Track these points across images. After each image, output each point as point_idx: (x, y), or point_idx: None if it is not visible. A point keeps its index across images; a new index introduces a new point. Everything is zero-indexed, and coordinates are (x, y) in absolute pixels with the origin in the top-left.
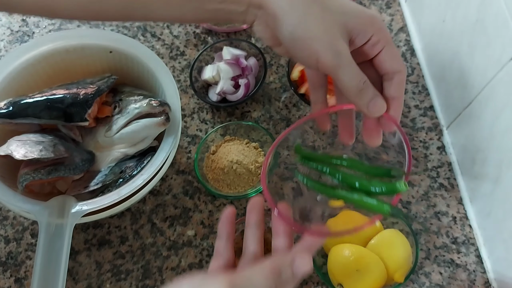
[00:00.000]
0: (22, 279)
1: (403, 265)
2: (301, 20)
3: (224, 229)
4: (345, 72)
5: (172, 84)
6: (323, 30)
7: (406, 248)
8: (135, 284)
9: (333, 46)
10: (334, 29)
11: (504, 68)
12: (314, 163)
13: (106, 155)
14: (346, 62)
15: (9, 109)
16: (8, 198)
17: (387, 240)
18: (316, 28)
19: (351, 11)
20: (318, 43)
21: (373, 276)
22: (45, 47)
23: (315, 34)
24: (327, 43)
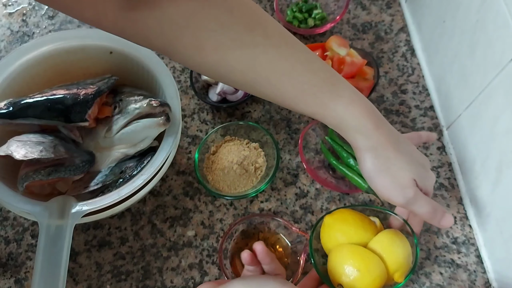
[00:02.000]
0: (22, 280)
1: (403, 265)
2: (378, 174)
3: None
4: (415, 207)
5: (172, 84)
6: (395, 182)
7: (406, 248)
8: (135, 285)
9: (403, 192)
10: (405, 181)
11: (505, 68)
12: (335, 143)
13: (106, 156)
14: (414, 201)
15: (9, 109)
16: (8, 198)
17: (387, 240)
18: (389, 181)
19: (418, 172)
20: (391, 191)
21: (373, 276)
22: (45, 48)
23: (388, 185)
24: (398, 191)
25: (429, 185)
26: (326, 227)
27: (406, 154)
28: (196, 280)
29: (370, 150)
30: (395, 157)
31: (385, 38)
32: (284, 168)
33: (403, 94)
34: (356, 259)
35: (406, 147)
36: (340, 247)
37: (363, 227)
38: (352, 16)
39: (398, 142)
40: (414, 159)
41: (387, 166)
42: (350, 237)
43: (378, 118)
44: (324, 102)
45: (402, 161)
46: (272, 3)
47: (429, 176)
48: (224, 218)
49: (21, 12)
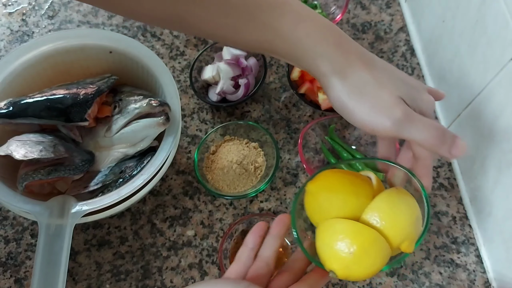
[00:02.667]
0: (22, 279)
1: (411, 232)
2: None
3: (252, 239)
4: (412, 132)
5: (172, 84)
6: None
7: (413, 210)
8: (135, 284)
9: (388, 114)
10: (388, 100)
11: (504, 68)
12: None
13: (106, 155)
14: (408, 123)
15: (9, 109)
16: (8, 198)
17: (387, 205)
18: (367, 103)
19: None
20: (371, 116)
21: (372, 257)
22: (45, 47)
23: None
24: (380, 113)
25: (427, 108)
26: (309, 197)
27: (385, 72)
28: (196, 280)
29: (336, 73)
30: (371, 75)
31: (384, 38)
32: (283, 167)
33: None
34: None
35: (383, 65)
36: (328, 223)
37: (355, 193)
38: (352, 16)
39: (372, 60)
40: (397, 77)
41: (360, 87)
42: (339, 209)
43: (338, 33)
44: (271, 24)
45: (380, 78)
46: None
47: (424, 98)
48: (223, 217)
49: (21, 12)
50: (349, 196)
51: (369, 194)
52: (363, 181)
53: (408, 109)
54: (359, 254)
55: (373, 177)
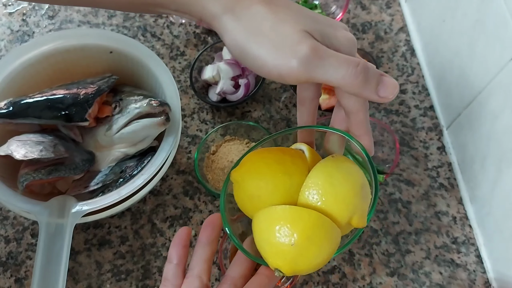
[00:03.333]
0: (23, 279)
1: (359, 204)
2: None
3: (175, 253)
4: (325, 71)
5: (172, 84)
6: (276, 43)
7: (356, 178)
8: (135, 284)
9: (292, 52)
10: (292, 36)
11: (504, 68)
12: None
13: (106, 155)
14: (319, 60)
15: (9, 109)
16: (8, 198)
17: (324, 179)
18: (267, 44)
19: (314, 23)
20: (274, 58)
21: (319, 244)
22: (45, 47)
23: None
24: (283, 53)
25: (344, 46)
26: (236, 187)
27: (289, 7)
28: None
29: (228, 11)
30: (269, 10)
31: (384, 38)
32: None
33: (402, 94)
34: (287, 227)
35: (288, 2)
36: (261, 214)
37: (286, 172)
38: (352, 16)
39: None
40: (304, 12)
41: (257, 25)
42: (271, 195)
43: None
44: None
45: (281, 13)
46: None
47: (340, 34)
48: None
49: (21, 12)
50: (279, 177)
51: (304, 171)
52: (294, 156)
53: (316, 43)
54: (303, 243)
55: (305, 148)
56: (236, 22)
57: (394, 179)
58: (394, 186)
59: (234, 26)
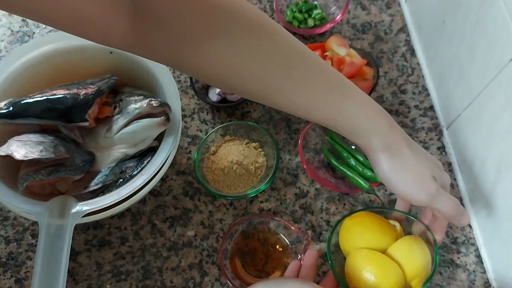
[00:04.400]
0: (23, 279)
1: (421, 273)
2: (394, 173)
3: None
4: (439, 204)
5: (172, 84)
6: (415, 179)
7: (426, 255)
8: (135, 284)
9: (425, 187)
10: (426, 176)
11: (504, 69)
12: (335, 143)
13: (106, 156)
14: (437, 197)
15: (9, 109)
16: (8, 198)
17: (406, 247)
18: (409, 178)
19: (435, 167)
20: (411, 188)
21: (390, 283)
22: (45, 48)
23: (408, 182)
24: (419, 187)
25: (446, 185)
26: (345, 229)
27: (421, 153)
28: (196, 280)
29: (385, 150)
30: (411, 154)
31: (384, 38)
32: (284, 168)
33: (402, 94)
34: (374, 265)
35: (417, 146)
36: (358, 251)
37: (382, 232)
38: (352, 16)
39: (411, 141)
40: (428, 157)
41: (403, 163)
42: (368, 242)
43: (389, 118)
44: (337, 107)
45: (418, 157)
46: (272, 3)
47: (444, 175)
48: (224, 218)
49: None
50: (378, 233)
51: (393, 237)
52: (390, 226)
53: (438, 185)
54: (381, 279)
55: (397, 225)
56: (389, 158)
57: None
58: None
59: (387, 160)
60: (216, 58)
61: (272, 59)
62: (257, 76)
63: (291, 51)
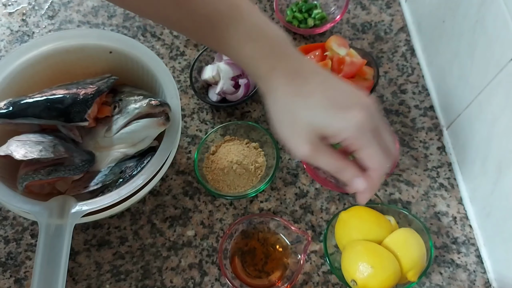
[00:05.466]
0: (22, 279)
1: (417, 264)
2: (278, 123)
3: None
4: (317, 162)
5: (172, 84)
6: (293, 133)
7: (421, 248)
8: (134, 284)
9: (297, 146)
10: (303, 134)
11: (504, 69)
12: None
13: (106, 155)
14: (312, 157)
15: (9, 109)
16: (8, 198)
17: (402, 239)
18: (288, 130)
19: (324, 120)
20: (290, 141)
21: (387, 273)
22: (45, 47)
23: (287, 134)
24: (295, 143)
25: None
26: (341, 223)
27: (311, 96)
28: (196, 280)
29: (268, 95)
30: (294, 101)
31: (384, 38)
32: (283, 168)
33: (402, 94)
34: (371, 256)
35: (316, 87)
36: (355, 243)
37: (378, 225)
38: (352, 16)
39: (305, 82)
40: (323, 100)
41: (284, 113)
42: (365, 234)
43: (278, 56)
44: (222, 38)
45: (301, 106)
46: (271, 3)
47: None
48: (223, 218)
49: (21, 12)
50: (374, 225)
51: (389, 229)
52: (385, 219)
53: (316, 145)
54: (378, 269)
55: (392, 219)
56: (272, 104)
57: (394, 180)
58: (394, 187)
59: (270, 107)
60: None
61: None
62: None
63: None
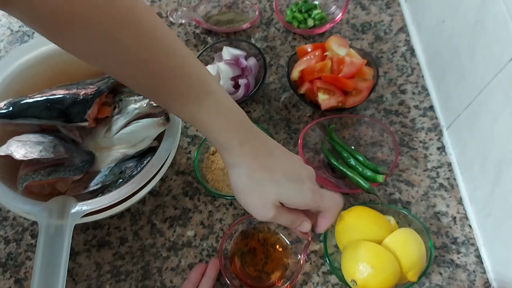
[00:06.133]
0: (22, 280)
1: (417, 264)
2: (243, 192)
3: (194, 275)
4: (278, 221)
5: None
6: (259, 202)
7: (420, 248)
8: (134, 284)
9: (264, 212)
10: (268, 202)
11: (504, 69)
12: (336, 143)
13: (106, 156)
14: (274, 219)
15: (9, 109)
16: (8, 198)
17: (402, 239)
18: (255, 200)
19: (286, 193)
20: (255, 209)
21: (386, 273)
22: (45, 48)
23: (253, 202)
24: (261, 210)
25: (302, 199)
26: (341, 223)
27: (276, 172)
28: None
29: (235, 167)
30: (261, 176)
31: (384, 38)
32: None
33: (402, 94)
34: (371, 256)
35: (278, 163)
36: (355, 243)
37: (378, 225)
38: (352, 16)
39: (269, 158)
40: (285, 175)
41: (250, 185)
42: (365, 234)
43: (246, 132)
44: (192, 113)
45: (267, 180)
46: (271, 3)
47: (304, 189)
48: (223, 218)
49: None
50: (374, 225)
51: (389, 229)
52: (385, 219)
53: (278, 210)
54: (378, 269)
55: (391, 219)
56: (238, 177)
57: (393, 180)
58: (394, 187)
59: (236, 178)
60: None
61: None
62: (114, 65)
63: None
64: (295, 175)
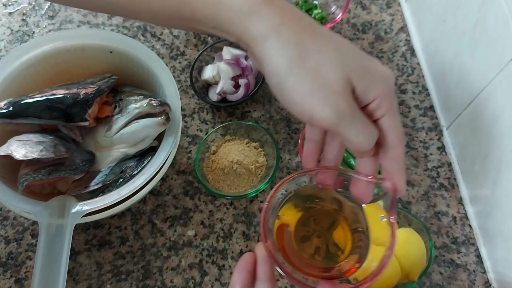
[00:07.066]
0: (23, 279)
1: (417, 264)
2: (291, 72)
3: (239, 278)
4: (350, 132)
5: (172, 84)
6: (319, 85)
7: (421, 247)
8: (135, 284)
9: (332, 103)
10: (335, 83)
11: (505, 68)
12: None
13: (106, 155)
14: (350, 119)
15: (9, 109)
16: (8, 198)
17: (402, 239)
18: (310, 83)
19: (357, 66)
20: (312, 100)
21: (386, 273)
22: (45, 47)
23: (307, 90)
24: (323, 99)
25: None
26: None
27: (331, 40)
28: (196, 280)
29: (267, 39)
30: (314, 41)
31: (385, 38)
32: (284, 167)
33: (402, 94)
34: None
35: (328, 32)
36: None
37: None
38: (352, 16)
39: (315, 25)
40: (347, 45)
41: (302, 55)
42: None
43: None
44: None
45: (326, 47)
46: None
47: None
48: (224, 217)
49: (21, 12)
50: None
51: None
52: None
53: (353, 102)
54: None
55: None
56: (281, 50)
57: None
58: None
59: (278, 53)
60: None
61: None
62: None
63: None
64: (361, 52)
